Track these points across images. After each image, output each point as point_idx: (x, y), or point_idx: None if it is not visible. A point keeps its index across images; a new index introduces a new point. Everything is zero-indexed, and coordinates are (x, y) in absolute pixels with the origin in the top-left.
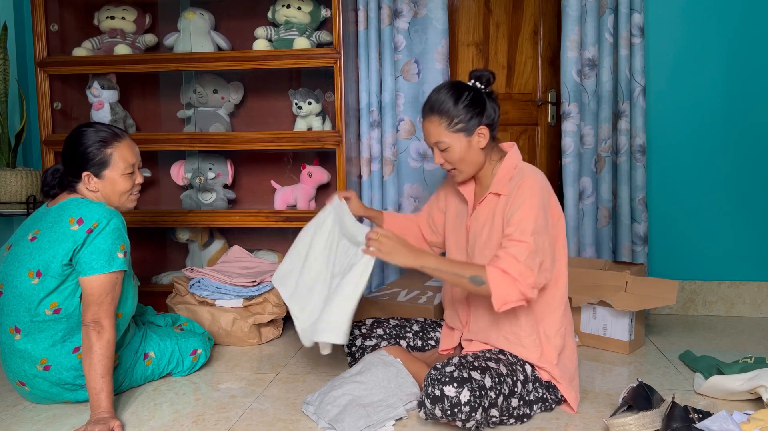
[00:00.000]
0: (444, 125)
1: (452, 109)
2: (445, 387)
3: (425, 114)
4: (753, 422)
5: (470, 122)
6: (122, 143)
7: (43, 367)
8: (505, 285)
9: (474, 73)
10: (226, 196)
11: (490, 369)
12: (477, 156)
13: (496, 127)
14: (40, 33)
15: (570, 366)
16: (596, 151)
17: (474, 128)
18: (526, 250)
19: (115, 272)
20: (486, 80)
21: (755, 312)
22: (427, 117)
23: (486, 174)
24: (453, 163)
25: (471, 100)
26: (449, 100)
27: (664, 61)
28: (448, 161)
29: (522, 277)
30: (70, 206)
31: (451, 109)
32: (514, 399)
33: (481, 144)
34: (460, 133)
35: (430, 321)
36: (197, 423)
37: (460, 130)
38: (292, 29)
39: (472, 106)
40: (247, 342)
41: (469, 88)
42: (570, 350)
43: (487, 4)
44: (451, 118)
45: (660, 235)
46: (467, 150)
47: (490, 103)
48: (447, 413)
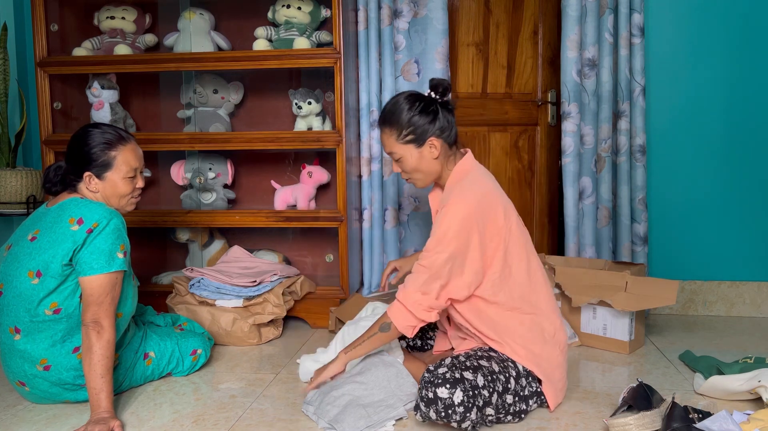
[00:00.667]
0: (394, 137)
1: (402, 121)
2: (437, 389)
3: (379, 124)
4: (753, 422)
5: (421, 133)
6: (127, 147)
7: (43, 367)
8: (405, 316)
9: (431, 82)
10: (226, 196)
11: (482, 368)
12: (430, 165)
13: (453, 136)
14: (40, 33)
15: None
16: (596, 151)
17: (424, 139)
18: (424, 275)
19: (114, 272)
20: (442, 90)
21: (755, 312)
22: (381, 128)
23: (445, 180)
24: (407, 173)
25: (421, 111)
26: (400, 112)
27: (664, 61)
28: (403, 170)
29: (415, 306)
30: (70, 206)
31: (401, 120)
32: (508, 395)
33: (433, 154)
34: (410, 144)
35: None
36: (197, 423)
37: (409, 142)
38: (292, 29)
39: (423, 116)
40: (247, 342)
41: (421, 98)
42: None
43: (487, 4)
44: (400, 130)
45: (660, 235)
46: (419, 160)
47: (443, 112)
48: (441, 415)
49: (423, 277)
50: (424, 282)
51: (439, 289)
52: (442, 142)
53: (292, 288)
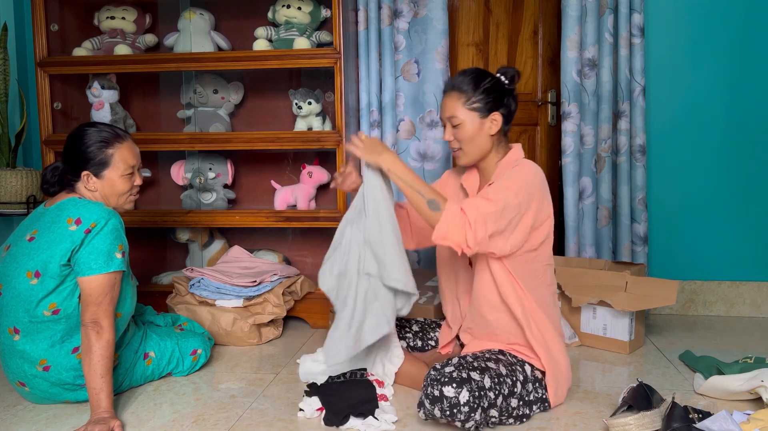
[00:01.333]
0: (462, 101)
1: (472, 89)
2: (444, 387)
3: (446, 89)
4: (753, 422)
5: (486, 105)
6: (123, 144)
7: (43, 368)
8: (456, 222)
9: (501, 69)
10: (226, 196)
11: (489, 370)
12: (485, 140)
13: (510, 122)
14: (40, 33)
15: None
16: (596, 151)
17: (489, 112)
18: (491, 208)
19: (113, 272)
20: (510, 77)
21: (755, 312)
22: (448, 92)
23: (489, 165)
24: (461, 142)
25: (492, 87)
26: (472, 81)
27: (664, 61)
28: (456, 139)
29: (474, 225)
30: (68, 206)
31: (471, 88)
32: (513, 399)
33: (491, 130)
34: (475, 113)
35: (429, 321)
36: (197, 423)
37: (475, 110)
38: (292, 29)
39: (492, 92)
40: (247, 342)
41: (492, 76)
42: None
43: (487, 4)
44: (469, 96)
45: (660, 235)
46: (478, 131)
47: (509, 97)
48: (446, 413)
49: (491, 208)
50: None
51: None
52: (502, 121)
53: (292, 288)
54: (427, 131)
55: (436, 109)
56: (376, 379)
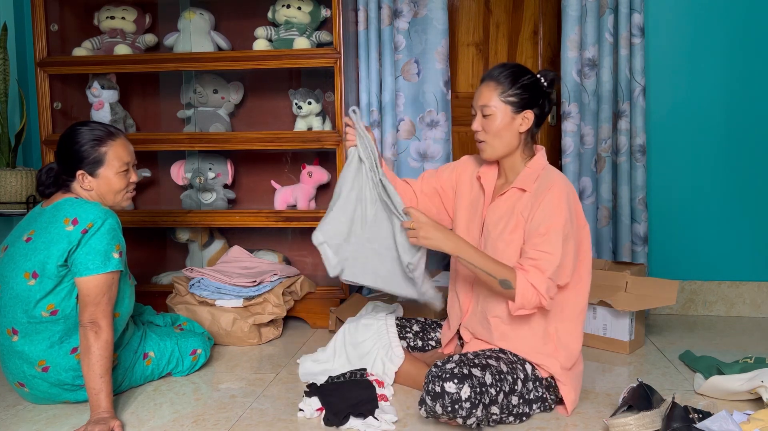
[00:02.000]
0: (498, 92)
1: (510, 82)
2: (445, 383)
3: (484, 79)
4: (753, 422)
5: (521, 101)
6: (117, 142)
7: (42, 368)
8: (530, 297)
9: (542, 71)
10: (226, 196)
11: (490, 367)
12: (512, 136)
13: (541, 123)
14: (40, 33)
15: (577, 371)
16: (596, 151)
17: (522, 108)
18: (554, 263)
19: (111, 272)
20: (550, 79)
21: (755, 312)
22: (485, 81)
23: (513, 165)
24: (488, 133)
25: (530, 84)
26: (511, 74)
27: (664, 61)
28: (485, 129)
29: (547, 292)
30: (65, 206)
31: (509, 82)
32: (514, 397)
33: (522, 127)
34: (509, 106)
35: (430, 321)
36: (197, 423)
37: (510, 103)
38: (292, 29)
39: (529, 89)
40: (247, 342)
41: (532, 74)
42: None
43: (487, 4)
44: (506, 89)
45: (660, 235)
46: (508, 125)
47: (545, 99)
48: (448, 409)
49: (553, 264)
50: (555, 270)
51: (561, 274)
52: (533, 120)
53: (292, 288)
54: (427, 131)
55: (436, 109)
56: (376, 379)
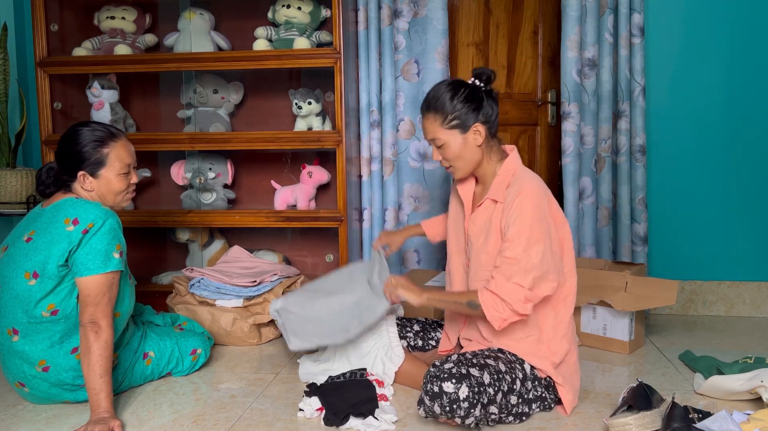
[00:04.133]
0: (439, 122)
1: (447, 106)
2: (443, 383)
3: (422, 111)
4: (753, 422)
5: (465, 119)
6: (118, 143)
7: (42, 368)
8: (496, 306)
9: (475, 71)
10: (226, 196)
11: (488, 366)
12: (473, 153)
13: (495, 126)
14: (40, 33)
15: (570, 369)
16: (596, 151)
17: (469, 125)
18: (516, 267)
19: (111, 272)
20: (486, 78)
21: (755, 312)
22: (424, 114)
23: (487, 173)
24: (449, 160)
25: (467, 97)
26: (445, 97)
27: (664, 61)
28: (444, 158)
29: (511, 297)
30: (65, 206)
31: (447, 105)
32: (513, 396)
33: (477, 141)
34: (455, 130)
35: (430, 321)
36: (197, 423)
37: (454, 127)
38: (292, 29)
39: (468, 102)
40: (247, 342)
41: (466, 85)
42: (572, 354)
43: (487, 4)
44: (445, 115)
45: (660, 235)
46: (463, 147)
47: (488, 101)
48: (446, 409)
49: (513, 269)
50: (514, 273)
51: (533, 281)
52: (486, 130)
53: (292, 288)
54: None
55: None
56: (376, 379)
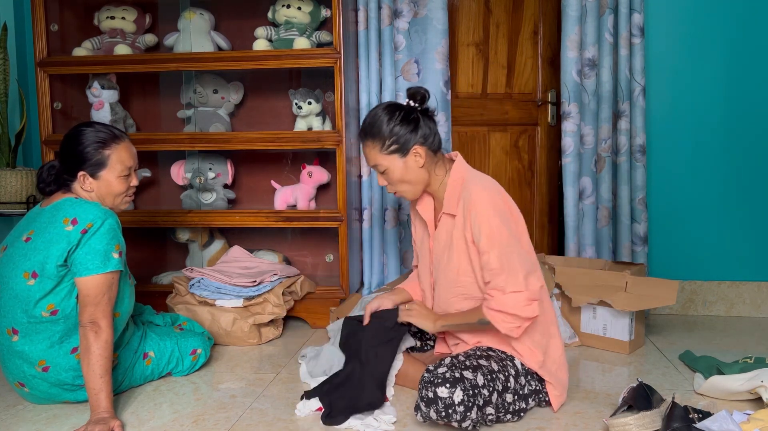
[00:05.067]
0: (378, 148)
1: (385, 131)
2: (437, 388)
3: (361, 138)
4: (753, 422)
5: (404, 142)
6: (120, 145)
7: (42, 368)
8: (506, 320)
9: (408, 91)
10: (226, 196)
11: (481, 367)
12: (417, 174)
13: (436, 143)
14: (40, 33)
15: (554, 364)
16: (596, 151)
17: (408, 148)
18: (503, 277)
19: (110, 272)
20: (420, 98)
21: (755, 312)
22: (363, 141)
23: (436, 188)
24: (394, 185)
25: (401, 120)
26: (381, 122)
27: (664, 61)
28: (389, 183)
29: (516, 307)
30: (65, 206)
31: (384, 130)
32: (508, 394)
33: (418, 163)
34: (395, 155)
35: None
36: (197, 423)
37: (393, 152)
38: (292, 29)
39: (404, 125)
40: (247, 342)
41: (401, 107)
42: (555, 347)
43: (487, 4)
44: (383, 141)
45: (660, 235)
46: (404, 170)
47: (424, 120)
48: (442, 415)
49: (501, 279)
50: (505, 284)
51: (524, 281)
52: (426, 150)
53: (292, 288)
54: None
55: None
56: None
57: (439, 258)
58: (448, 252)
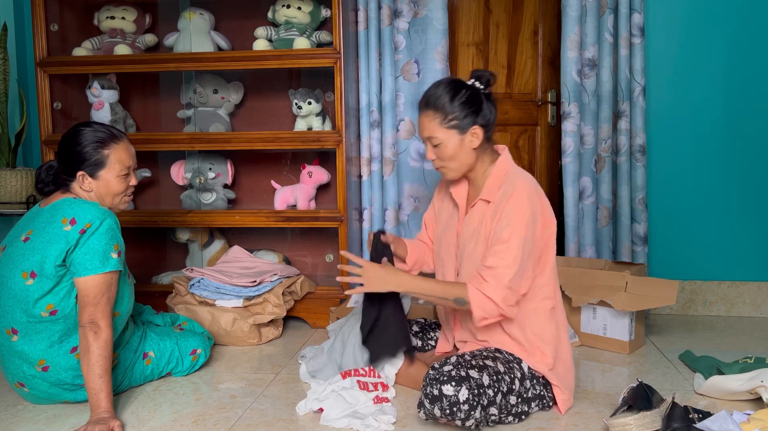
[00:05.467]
0: (438, 120)
1: (447, 105)
2: (443, 386)
3: (421, 108)
4: (753, 422)
5: (464, 120)
6: (119, 145)
7: (42, 368)
8: (487, 307)
9: (475, 73)
10: (226, 196)
11: (487, 367)
12: (468, 155)
13: (492, 129)
14: (40, 33)
15: (563, 368)
16: (596, 151)
17: (468, 127)
18: (511, 272)
19: (109, 272)
20: (486, 80)
21: (755, 312)
22: (423, 111)
23: (478, 176)
24: (443, 160)
25: (467, 98)
26: (446, 96)
27: (664, 61)
28: (438, 157)
29: (504, 301)
30: (63, 206)
31: (447, 105)
32: (512, 396)
33: (473, 144)
34: (453, 130)
35: (429, 321)
36: (197, 423)
37: (453, 127)
38: (292, 29)
39: (468, 104)
40: (247, 342)
41: (467, 86)
42: (565, 352)
43: (487, 4)
44: (445, 114)
45: (660, 235)
46: (459, 148)
47: (487, 103)
48: (446, 412)
49: (511, 273)
50: (512, 278)
51: (524, 281)
52: (483, 133)
53: (292, 288)
54: None
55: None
56: (381, 382)
57: (466, 243)
58: (475, 239)
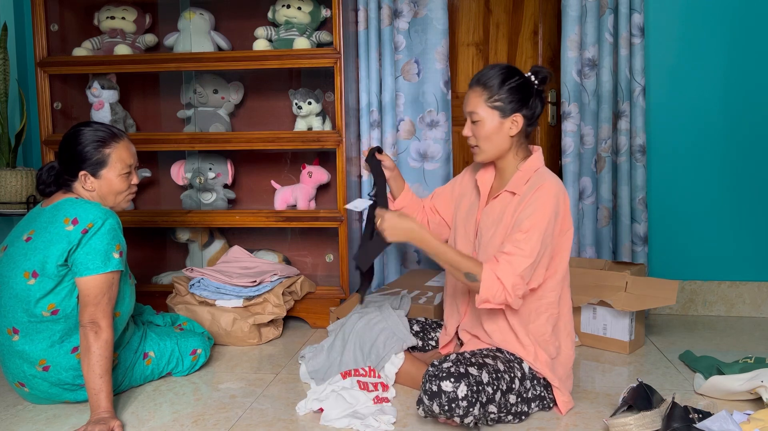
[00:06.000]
0: (484, 98)
1: (496, 87)
2: (442, 382)
3: (471, 84)
4: (753, 422)
5: (509, 105)
6: (120, 144)
7: (42, 368)
8: (495, 290)
9: (534, 68)
10: (226, 196)
11: (487, 365)
12: (503, 141)
13: (534, 125)
14: (40, 33)
15: (563, 370)
16: (596, 151)
17: (510, 112)
18: (527, 262)
19: (111, 272)
20: (542, 77)
21: (755, 312)
22: (472, 87)
23: (508, 167)
24: (478, 139)
25: (518, 86)
26: (497, 78)
27: (664, 61)
28: (475, 135)
29: (514, 289)
30: (65, 206)
31: (496, 86)
32: (512, 395)
33: (512, 131)
34: (496, 111)
35: (430, 321)
36: (197, 423)
37: (496, 108)
38: (292, 29)
39: (517, 91)
40: (247, 342)
41: (521, 75)
42: (565, 356)
43: (487, 4)
44: (491, 94)
45: (660, 235)
46: (497, 130)
47: (535, 98)
48: (445, 408)
49: (526, 263)
50: (526, 268)
51: (536, 280)
52: (524, 124)
53: (292, 288)
54: (427, 131)
55: (436, 109)
56: (381, 382)
57: (484, 232)
58: (494, 228)
